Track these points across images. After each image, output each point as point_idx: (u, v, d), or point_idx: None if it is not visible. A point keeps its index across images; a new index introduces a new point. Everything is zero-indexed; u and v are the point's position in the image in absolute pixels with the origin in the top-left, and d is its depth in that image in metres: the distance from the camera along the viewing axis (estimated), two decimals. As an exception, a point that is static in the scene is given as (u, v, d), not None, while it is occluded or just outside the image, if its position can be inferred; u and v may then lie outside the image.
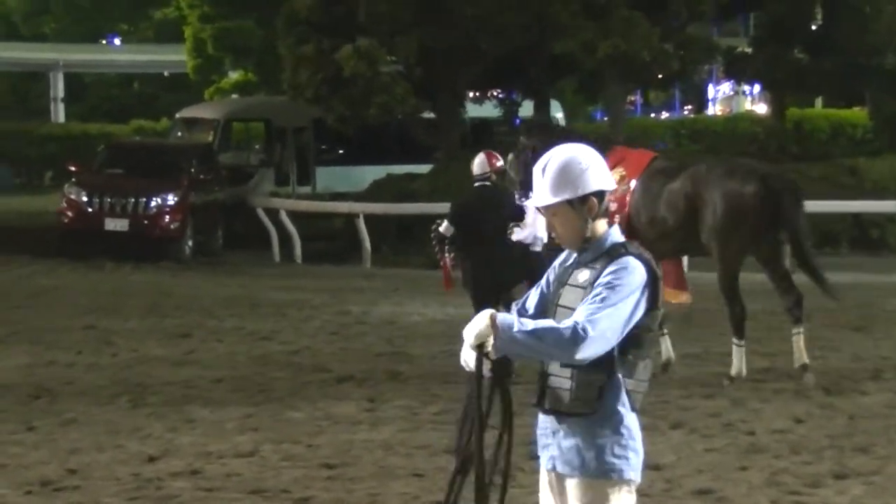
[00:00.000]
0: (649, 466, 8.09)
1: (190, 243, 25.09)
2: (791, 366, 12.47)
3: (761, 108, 57.40)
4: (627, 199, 12.67)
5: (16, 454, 9.82)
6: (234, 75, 43.76)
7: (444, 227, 12.17)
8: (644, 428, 5.06)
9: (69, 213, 24.73)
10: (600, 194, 4.96)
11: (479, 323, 4.80)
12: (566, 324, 4.73)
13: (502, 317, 4.79)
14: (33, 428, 10.67)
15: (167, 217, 24.56)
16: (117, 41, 68.37)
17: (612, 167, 12.94)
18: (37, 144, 49.56)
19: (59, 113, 63.11)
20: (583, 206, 4.94)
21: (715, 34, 40.21)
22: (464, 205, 12.45)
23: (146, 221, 24.47)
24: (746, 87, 52.97)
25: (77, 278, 21.67)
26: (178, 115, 33.47)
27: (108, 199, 24.44)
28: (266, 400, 11.87)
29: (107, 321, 16.68)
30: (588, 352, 4.73)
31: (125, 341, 15.12)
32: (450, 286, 12.82)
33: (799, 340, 12.38)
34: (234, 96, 41.15)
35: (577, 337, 4.70)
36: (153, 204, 24.52)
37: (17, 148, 48.68)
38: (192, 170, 26.12)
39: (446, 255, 12.37)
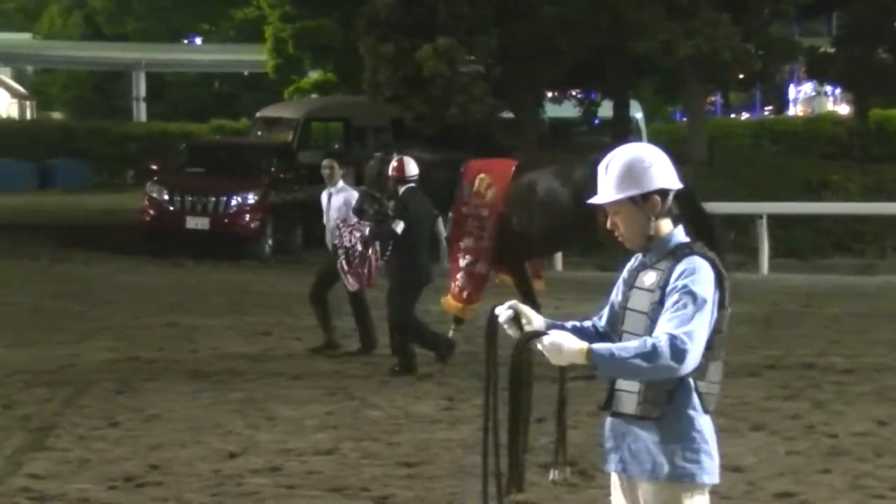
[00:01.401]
0: (730, 469, 8.07)
1: (269, 242, 25.27)
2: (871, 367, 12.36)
3: (843, 109, 56.83)
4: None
5: (99, 449, 9.94)
6: (314, 75, 43.98)
7: (400, 227, 12.90)
8: (724, 430, 5.03)
9: (151, 212, 24.99)
10: (664, 192, 4.90)
11: (570, 347, 4.79)
12: (663, 338, 4.69)
13: (598, 346, 4.77)
14: (116, 423, 10.79)
15: (247, 216, 24.76)
16: (198, 41, 68.96)
17: (475, 177, 13.49)
18: (118, 143, 50.10)
19: (140, 112, 63.77)
20: (646, 203, 4.89)
21: (796, 34, 39.87)
22: (419, 205, 13.21)
23: (226, 220, 24.68)
24: (828, 88, 52.48)
25: (159, 276, 21.90)
26: (257, 115, 33.70)
27: (189, 198, 24.68)
28: (345, 398, 11.94)
29: (188, 318, 16.85)
30: (691, 364, 4.71)
31: (206, 338, 15.26)
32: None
33: None
34: (314, 96, 41.36)
35: (679, 353, 4.65)
36: (233, 203, 24.73)
37: (98, 146, 49.23)
38: (272, 169, 26.31)
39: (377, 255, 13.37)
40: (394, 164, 13.18)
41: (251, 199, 24.88)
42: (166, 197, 24.80)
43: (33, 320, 16.71)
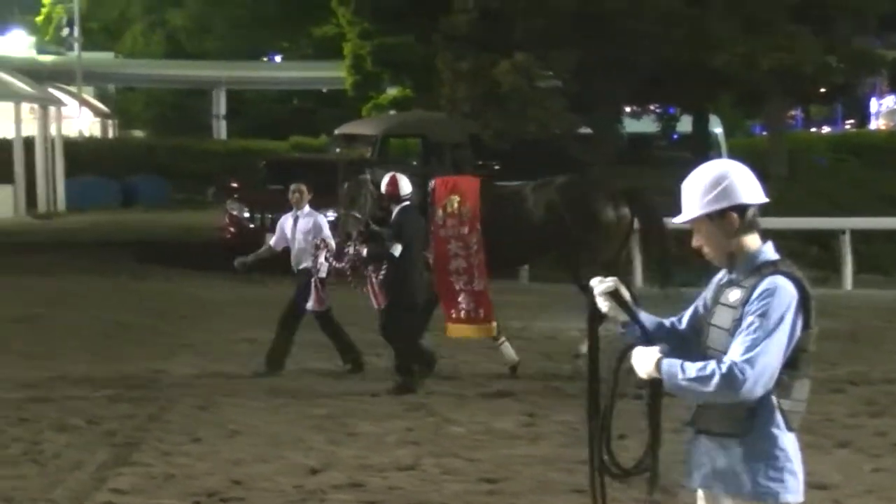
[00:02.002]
0: (815, 486, 7.98)
1: (351, 258, 25.29)
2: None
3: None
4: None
5: (182, 465, 10.02)
6: (392, 91, 44.11)
7: (398, 250, 12.90)
8: (809, 447, 4.99)
9: (231, 229, 25.16)
10: (740, 209, 4.88)
11: (649, 361, 4.82)
12: (724, 366, 4.67)
13: (667, 362, 4.78)
14: (199, 439, 10.88)
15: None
16: (278, 58, 69.45)
17: (444, 199, 13.60)
18: (198, 160, 50.56)
19: (220, 129, 64.34)
20: (722, 220, 4.88)
21: (878, 46, 39.46)
22: (415, 224, 13.28)
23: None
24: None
25: (239, 293, 22.03)
26: (336, 132, 33.85)
27: (269, 215, 24.79)
28: (426, 414, 11.96)
29: (269, 334, 16.85)
30: (753, 391, 4.69)
31: (289, 355, 15.30)
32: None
33: None
34: (392, 112, 41.48)
35: (734, 382, 4.66)
36: (313, 219, 24.80)
37: (179, 164, 49.71)
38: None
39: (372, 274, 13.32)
40: (387, 182, 13.11)
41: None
42: (246, 214, 24.96)
43: (116, 336, 16.90)
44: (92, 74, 59.45)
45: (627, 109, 31.58)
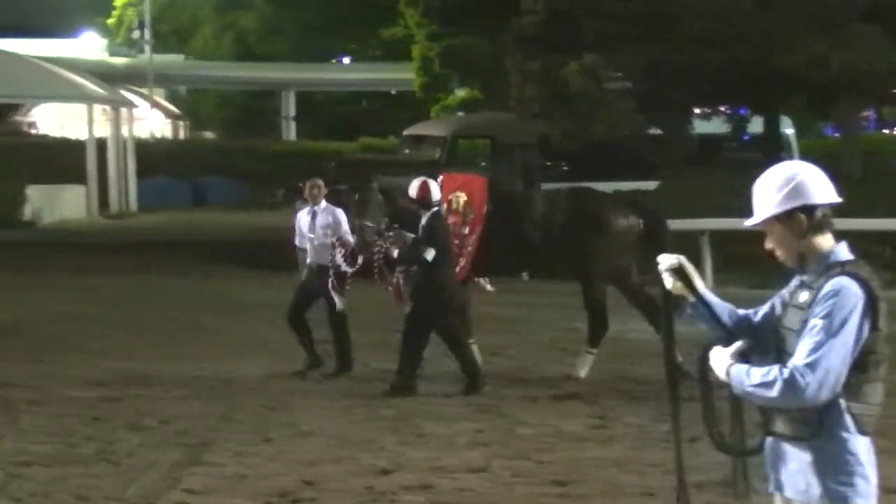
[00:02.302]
0: (889, 491, 7.90)
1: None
2: None
3: None
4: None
5: (254, 465, 10.08)
6: (460, 92, 44.16)
7: (431, 255, 12.85)
8: (883, 451, 4.94)
9: (299, 230, 25.22)
10: (809, 209, 4.84)
11: (721, 364, 4.84)
12: (786, 370, 4.65)
13: (735, 368, 4.79)
14: (270, 439, 10.94)
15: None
16: (346, 60, 69.70)
17: (449, 194, 13.61)
18: (268, 161, 50.83)
19: (290, 130, 64.66)
20: (791, 221, 4.86)
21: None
22: (445, 229, 13.28)
23: (376, 237, 24.80)
24: None
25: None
26: (405, 133, 33.91)
27: (341, 217, 24.87)
28: (496, 415, 11.96)
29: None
30: (816, 395, 4.65)
31: (357, 355, 15.35)
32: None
33: None
34: (460, 113, 41.52)
35: (796, 387, 4.63)
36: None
37: (249, 165, 50.01)
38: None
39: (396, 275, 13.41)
40: (417, 187, 13.04)
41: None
42: (314, 215, 25.03)
43: (188, 336, 17.03)
44: (163, 76, 59.96)
45: (697, 111, 31.41)
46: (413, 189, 13.05)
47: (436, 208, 13.09)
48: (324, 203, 14.21)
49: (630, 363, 14.67)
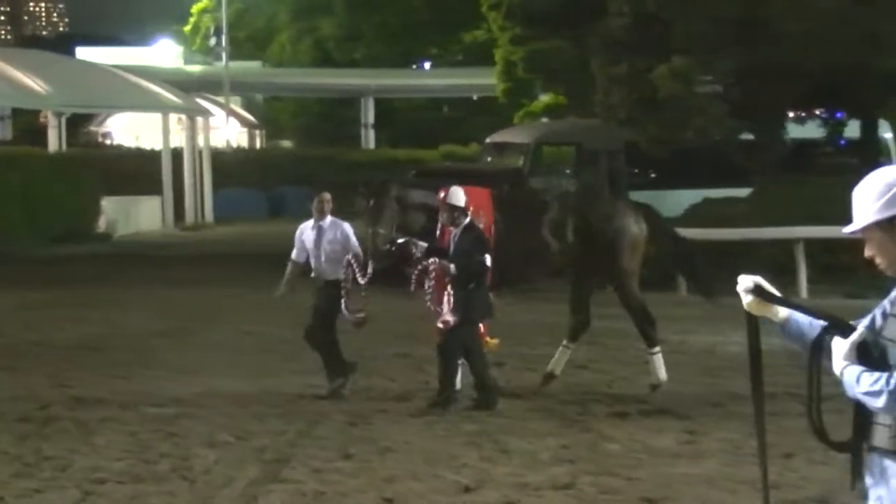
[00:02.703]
0: None
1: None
2: None
3: None
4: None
5: (333, 482, 10.13)
6: (544, 98, 44.13)
7: (489, 260, 12.93)
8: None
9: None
10: None
11: (838, 362, 4.81)
12: (892, 381, 4.62)
13: (849, 370, 4.75)
14: (350, 455, 10.99)
15: (478, 243, 24.88)
16: (427, 65, 69.88)
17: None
18: (346, 170, 50.99)
19: (369, 139, 64.92)
20: (891, 228, 4.81)
21: None
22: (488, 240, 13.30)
23: (457, 248, 24.86)
24: None
25: (388, 305, 22.15)
26: (487, 140, 33.97)
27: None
28: (582, 430, 11.95)
29: (420, 349, 17.00)
30: None
31: (437, 369, 15.38)
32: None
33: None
34: (544, 119, 41.49)
35: (893, 394, 4.62)
36: (464, 230, 24.90)
37: (328, 174, 50.20)
38: (503, 196, 26.40)
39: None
40: (457, 195, 13.10)
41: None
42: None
43: (265, 350, 17.14)
44: (239, 84, 60.45)
45: (791, 115, 31.15)
46: (455, 197, 13.08)
47: (469, 216, 13.15)
48: (329, 217, 14.09)
49: (722, 376, 14.58)
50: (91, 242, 34.88)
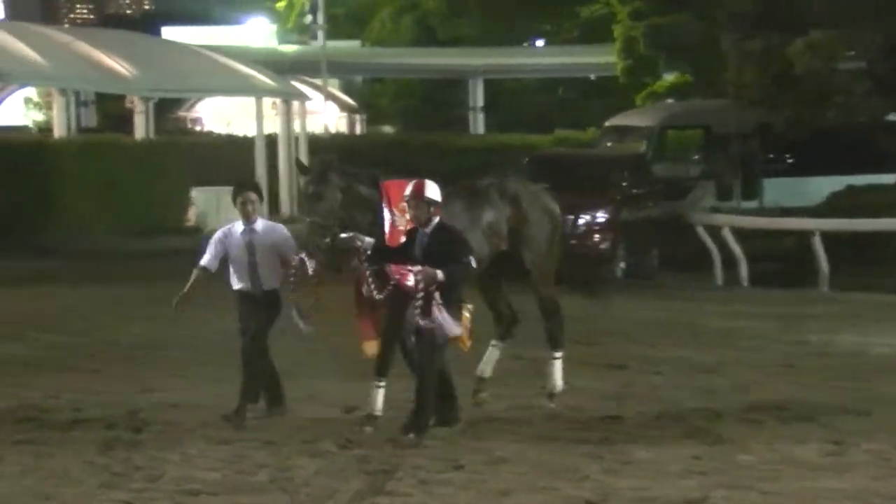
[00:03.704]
0: None
1: (622, 265, 25.30)
2: None
3: None
4: None
5: (443, 494, 10.14)
6: (669, 77, 43.89)
7: (474, 263, 12.30)
8: None
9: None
10: None
11: None
12: None
13: None
14: (461, 466, 10.98)
15: (597, 236, 24.85)
16: (540, 43, 69.74)
17: (398, 201, 12.67)
18: (454, 157, 51.05)
19: (477, 123, 64.92)
20: None
21: None
22: None
23: (574, 241, 24.81)
24: None
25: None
26: (606, 123, 33.86)
27: (534, 216, 24.91)
28: (713, 440, 11.85)
29: (533, 350, 16.92)
30: None
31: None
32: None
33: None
34: (669, 101, 41.26)
35: None
36: (581, 221, 24.86)
37: (433, 162, 50.28)
38: (624, 183, 26.35)
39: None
40: (435, 189, 12.38)
41: (601, 217, 24.98)
42: (508, 216, 25.11)
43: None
44: (337, 65, 60.71)
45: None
46: (431, 189, 12.34)
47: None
48: (260, 220, 13.08)
49: (870, 380, 14.42)
50: (179, 236, 35.20)
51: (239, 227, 12.95)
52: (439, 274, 11.89)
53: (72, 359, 16.81)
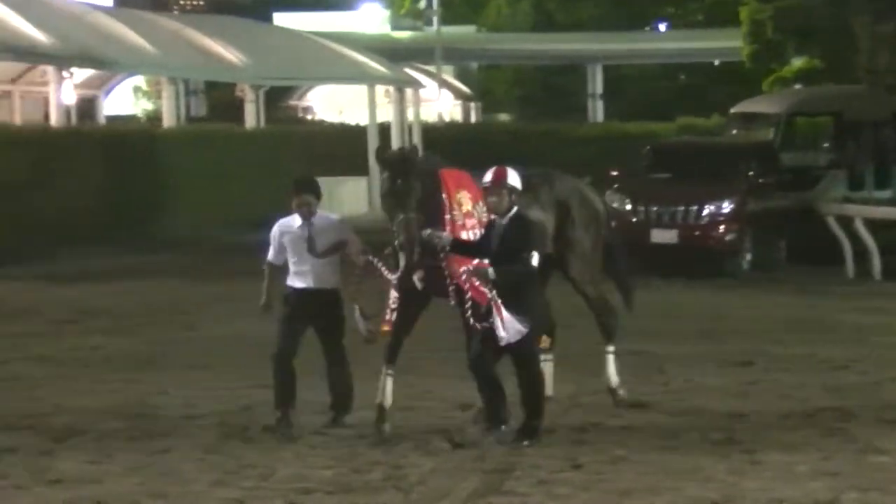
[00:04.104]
0: None
1: (748, 257, 25.12)
2: None
3: None
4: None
5: (561, 495, 10.15)
6: (797, 62, 43.48)
7: (536, 260, 11.70)
8: None
9: (612, 223, 25.21)
10: None
11: None
12: None
13: None
14: (580, 466, 10.98)
15: (722, 227, 24.71)
16: (662, 27, 69.38)
17: (455, 192, 12.18)
18: (572, 147, 50.98)
19: (596, 111, 64.74)
20: None
21: None
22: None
23: (698, 232, 24.70)
24: None
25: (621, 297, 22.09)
26: (732, 110, 33.59)
27: (655, 208, 24.86)
28: (845, 440, 11.79)
29: (656, 345, 16.97)
30: None
31: (678, 369, 15.34)
32: None
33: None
34: (798, 87, 40.87)
35: None
36: (706, 212, 24.74)
37: (551, 151, 50.22)
38: (750, 173, 26.14)
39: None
40: (514, 176, 11.89)
41: (726, 207, 24.82)
42: (628, 207, 25.06)
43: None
44: (452, 51, 60.83)
45: None
46: (513, 176, 11.89)
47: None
48: (318, 214, 12.57)
49: None
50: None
51: (297, 220, 12.62)
52: (490, 272, 11.36)
53: (182, 354, 17.00)
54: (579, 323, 19.08)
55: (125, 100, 56.11)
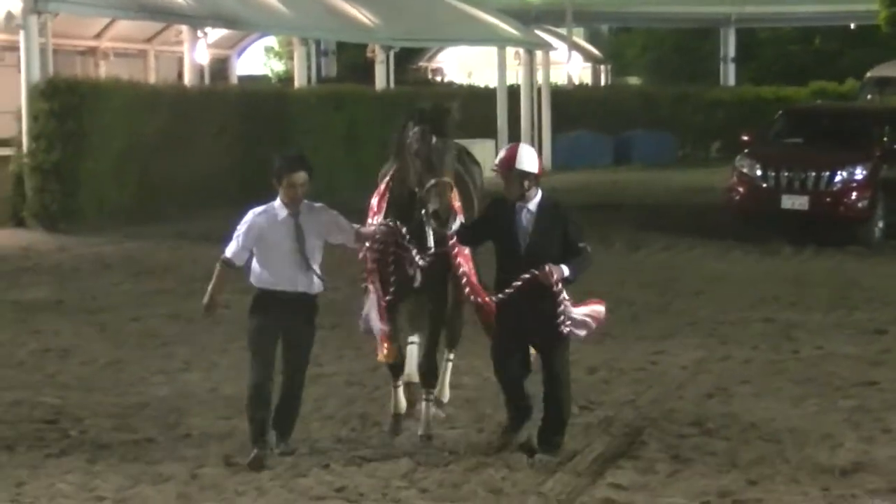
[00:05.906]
0: None
1: (881, 224, 24.81)
2: None
3: None
4: None
5: (690, 459, 10.14)
6: (936, 26, 42.78)
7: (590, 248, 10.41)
8: None
9: (740, 190, 25.08)
10: None
11: None
12: None
13: None
14: (708, 431, 11.01)
15: (854, 194, 24.41)
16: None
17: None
18: (704, 111, 50.68)
19: (728, 75, 64.12)
20: None
21: None
22: None
23: (829, 199, 24.43)
24: None
25: (750, 264, 22.01)
26: (868, 75, 33.26)
27: (786, 174, 24.61)
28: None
29: (786, 313, 16.89)
30: None
31: (808, 336, 15.25)
32: None
33: None
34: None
35: None
36: (838, 178, 24.45)
37: (682, 115, 49.96)
38: (885, 138, 25.79)
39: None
40: (530, 155, 10.27)
41: (859, 174, 24.50)
42: (759, 173, 24.83)
43: (612, 313, 17.14)
44: (583, 14, 60.43)
45: None
46: (525, 158, 10.21)
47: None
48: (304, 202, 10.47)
49: None
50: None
51: (281, 207, 10.44)
52: (565, 270, 9.99)
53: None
54: (707, 289, 19.09)
55: (257, 60, 56.52)
